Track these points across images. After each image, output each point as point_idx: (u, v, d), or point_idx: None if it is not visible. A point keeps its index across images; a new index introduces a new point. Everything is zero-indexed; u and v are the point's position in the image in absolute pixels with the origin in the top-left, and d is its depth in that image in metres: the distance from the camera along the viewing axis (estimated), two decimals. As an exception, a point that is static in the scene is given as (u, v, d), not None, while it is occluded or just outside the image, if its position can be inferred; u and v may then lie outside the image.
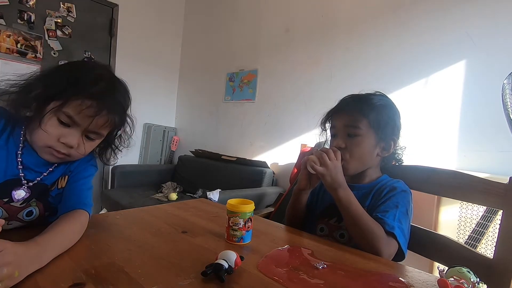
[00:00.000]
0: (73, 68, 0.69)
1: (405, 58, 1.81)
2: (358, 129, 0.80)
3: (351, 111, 0.83)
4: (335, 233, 0.83)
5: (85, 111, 0.61)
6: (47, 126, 0.62)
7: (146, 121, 3.28)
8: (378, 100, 0.84)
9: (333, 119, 0.87)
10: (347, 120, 0.82)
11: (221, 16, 3.08)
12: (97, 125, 0.65)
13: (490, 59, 1.52)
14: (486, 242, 1.27)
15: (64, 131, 0.63)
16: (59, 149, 0.64)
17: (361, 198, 0.81)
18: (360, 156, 0.82)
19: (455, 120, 1.62)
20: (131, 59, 3.08)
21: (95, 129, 0.66)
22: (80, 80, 0.63)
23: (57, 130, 0.63)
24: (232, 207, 0.68)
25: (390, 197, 0.77)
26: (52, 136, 0.62)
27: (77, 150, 0.66)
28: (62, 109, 0.61)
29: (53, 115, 0.62)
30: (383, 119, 0.81)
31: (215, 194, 1.87)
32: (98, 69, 0.68)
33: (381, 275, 0.57)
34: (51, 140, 0.63)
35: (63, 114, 0.61)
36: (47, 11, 2.56)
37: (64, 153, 0.65)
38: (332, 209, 0.84)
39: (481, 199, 0.75)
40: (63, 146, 0.64)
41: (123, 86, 0.72)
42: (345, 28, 2.11)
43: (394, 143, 0.84)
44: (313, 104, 2.25)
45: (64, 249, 0.55)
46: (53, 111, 0.61)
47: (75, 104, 0.61)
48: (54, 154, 0.65)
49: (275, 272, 0.54)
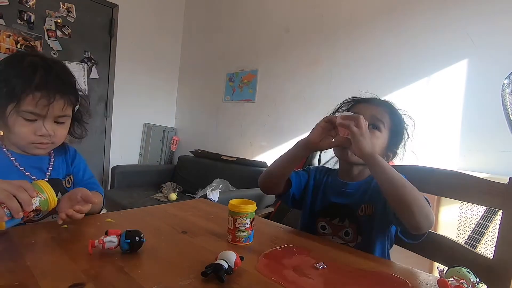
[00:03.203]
0: (7, 67, 0.69)
1: (405, 58, 1.81)
2: (382, 123, 0.81)
3: (381, 106, 0.84)
4: (340, 233, 0.83)
5: (40, 102, 0.65)
6: (17, 127, 0.66)
7: (146, 121, 3.28)
8: (399, 112, 0.87)
9: (358, 108, 0.85)
10: (375, 112, 0.82)
11: (221, 16, 3.08)
12: (58, 109, 0.69)
13: (490, 59, 1.52)
14: (486, 242, 1.27)
15: (35, 125, 0.68)
16: (41, 141, 0.69)
17: (361, 195, 0.81)
18: (375, 146, 0.82)
19: (455, 120, 1.62)
20: (131, 59, 3.08)
21: (59, 114, 0.70)
22: (19, 77, 0.65)
23: (29, 127, 0.67)
24: (237, 208, 0.67)
25: None
26: (27, 133, 0.67)
27: (56, 136, 0.72)
28: (20, 109, 0.64)
29: (16, 116, 0.65)
30: (399, 129, 0.85)
31: (215, 194, 1.87)
32: (27, 58, 0.69)
33: (381, 275, 0.57)
34: (30, 137, 0.68)
35: (24, 112, 0.65)
36: (47, 11, 2.56)
37: (47, 143, 0.71)
38: (334, 209, 0.84)
39: (481, 199, 0.75)
40: (42, 137, 0.69)
41: (60, 64, 0.74)
42: (345, 28, 2.11)
43: (394, 155, 0.86)
44: (313, 104, 2.24)
45: (95, 200, 0.69)
46: (14, 113, 0.65)
47: (28, 100, 0.64)
48: (40, 146, 0.71)
49: (275, 272, 0.54)
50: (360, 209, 0.81)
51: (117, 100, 3.03)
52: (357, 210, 0.81)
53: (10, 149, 0.72)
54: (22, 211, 0.54)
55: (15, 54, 0.74)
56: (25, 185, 0.56)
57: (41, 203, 0.58)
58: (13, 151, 0.72)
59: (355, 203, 0.82)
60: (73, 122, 0.79)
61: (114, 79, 3.00)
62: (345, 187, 0.85)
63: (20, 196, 0.54)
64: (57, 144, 0.75)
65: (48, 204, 0.60)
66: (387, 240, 0.81)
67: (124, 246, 0.55)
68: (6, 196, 0.53)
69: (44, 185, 0.60)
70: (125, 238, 0.55)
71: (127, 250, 0.56)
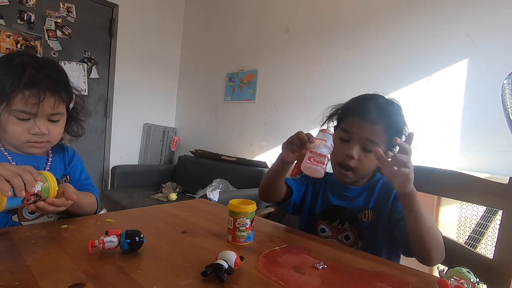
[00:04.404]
0: None
1: (405, 58, 1.81)
2: (376, 145, 0.76)
3: (373, 123, 0.76)
4: (340, 236, 0.82)
5: (29, 100, 0.64)
6: (9, 126, 0.66)
7: (146, 121, 3.28)
8: (397, 112, 0.81)
9: (350, 124, 0.79)
10: (368, 133, 0.76)
11: (221, 16, 3.08)
12: (49, 107, 0.68)
13: (490, 59, 1.52)
14: (486, 242, 1.27)
15: (28, 124, 0.67)
16: (35, 140, 0.69)
17: (364, 199, 0.81)
18: (370, 169, 0.81)
19: (455, 120, 1.62)
20: (131, 59, 3.08)
21: (51, 111, 0.69)
22: (8, 75, 0.65)
23: (22, 126, 0.67)
24: (237, 208, 0.67)
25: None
26: (21, 132, 0.67)
27: (51, 134, 0.71)
28: (11, 108, 0.64)
29: (8, 115, 0.65)
30: (397, 135, 0.78)
31: (215, 194, 1.87)
32: (18, 57, 0.69)
33: (381, 275, 0.57)
34: (23, 136, 0.67)
35: (15, 111, 0.65)
36: (47, 11, 2.56)
37: (42, 141, 0.70)
38: (334, 212, 0.84)
39: (481, 199, 0.75)
40: (36, 136, 0.68)
41: (51, 62, 0.73)
42: (345, 28, 2.11)
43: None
44: (313, 104, 2.24)
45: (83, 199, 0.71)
46: (6, 112, 0.64)
47: (18, 99, 0.64)
48: (35, 145, 0.70)
49: (275, 272, 0.54)
50: (362, 215, 0.80)
51: (117, 100, 3.03)
52: (358, 214, 0.81)
53: (8, 148, 0.72)
54: (25, 191, 0.56)
55: (7, 54, 0.74)
56: (30, 169, 0.59)
57: (43, 188, 0.60)
58: (10, 151, 0.72)
59: (357, 207, 0.81)
60: (69, 120, 0.79)
61: (114, 79, 2.99)
62: (346, 191, 0.85)
63: (24, 176, 0.56)
64: (53, 142, 0.75)
65: (48, 192, 0.62)
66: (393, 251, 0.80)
67: (124, 246, 0.55)
68: (11, 174, 0.55)
69: (49, 175, 0.63)
70: (125, 238, 0.55)
71: (127, 250, 0.56)
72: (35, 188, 0.58)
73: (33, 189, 0.58)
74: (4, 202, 0.55)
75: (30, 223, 0.71)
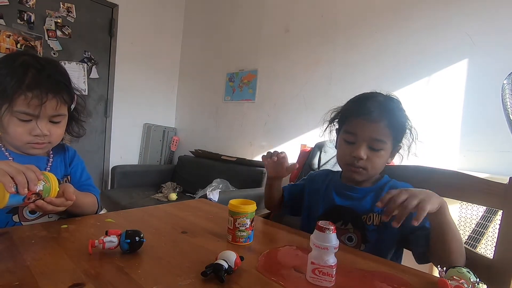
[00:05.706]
0: (0, 67, 0.68)
1: (405, 58, 1.81)
2: (383, 143, 0.77)
3: (376, 121, 0.76)
4: (343, 237, 0.81)
5: (32, 102, 0.64)
6: (11, 128, 0.66)
7: (146, 121, 3.28)
8: (397, 107, 0.81)
9: (353, 125, 0.79)
10: (373, 132, 0.76)
11: (221, 16, 3.08)
12: (51, 108, 0.68)
13: (490, 59, 1.52)
14: (486, 242, 1.27)
15: (30, 125, 0.67)
16: (37, 141, 0.69)
17: (370, 202, 0.80)
18: (380, 167, 0.81)
19: (455, 120, 1.62)
20: (131, 59, 3.08)
21: (52, 113, 0.69)
22: (10, 77, 0.64)
23: (23, 127, 0.67)
24: (237, 208, 0.67)
25: None
26: (22, 134, 0.67)
27: (53, 136, 0.71)
28: (13, 109, 0.64)
29: (10, 116, 0.65)
30: (401, 130, 0.80)
31: (215, 194, 1.87)
32: (20, 58, 0.69)
33: (381, 275, 0.57)
34: (25, 137, 0.68)
35: (17, 112, 0.65)
36: (47, 11, 2.56)
37: (43, 143, 0.70)
38: (336, 212, 0.83)
39: (481, 199, 0.75)
40: (38, 137, 0.68)
41: (53, 63, 0.73)
42: (345, 28, 2.11)
43: (399, 149, 0.84)
44: (313, 104, 2.24)
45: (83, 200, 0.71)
46: (7, 113, 0.64)
47: (20, 100, 0.64)
48: (36, 146, 0.70)
49: (275, 272, 0.54)
50: (367, 217, 0.79)
51: (117, 100, 3.03)
52: (362, 216, 0.79)
53: (8, 148, 0.72)
54: (27, 189, 0.57)
55: (9, 54, 0.73)
56: (34, 168, 0.59)
57: (44, 188, 0.61)
58: (11, 151, 0.72)
59: (362, 209, 0.80)
60: (70, 121, 0.79)
61: (114, 79, 2.99)
62: (351, 191, 0.84)
63: (28, 174, 0.57)
64: (54, 143, 0.75)
65: (49, 192, 0.62)
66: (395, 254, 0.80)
67: (124, 246, 0.55)
68: (15, 171, 0.56)
69: (51, 176, 0.64)
70: (125, 238, 0.55)
71: (127, 250, 0.56)
72: (37, 187, 0.59)
73: (35, 188, 0.58)
74: (6, 199, 0.55)
75: (30, 223, 0.71)
